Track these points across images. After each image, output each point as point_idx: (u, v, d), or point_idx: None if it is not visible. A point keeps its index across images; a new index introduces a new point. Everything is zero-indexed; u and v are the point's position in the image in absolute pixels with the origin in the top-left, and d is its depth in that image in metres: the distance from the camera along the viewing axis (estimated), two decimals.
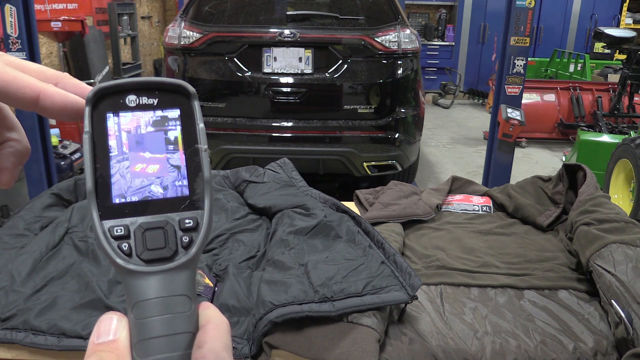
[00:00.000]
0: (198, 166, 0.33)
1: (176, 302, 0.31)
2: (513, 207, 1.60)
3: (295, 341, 1.00)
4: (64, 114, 0.34)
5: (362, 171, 3.46)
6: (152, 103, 0.34)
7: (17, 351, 1.05)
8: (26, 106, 0.34)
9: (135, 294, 0.31)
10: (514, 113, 3.19)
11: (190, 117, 0.34)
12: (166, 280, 0.32)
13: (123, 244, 0.32)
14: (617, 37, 5.39)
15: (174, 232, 0.32)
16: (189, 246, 0.32)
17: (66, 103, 0.34)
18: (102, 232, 0.32)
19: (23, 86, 0.33)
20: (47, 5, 5.33)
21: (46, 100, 0.34)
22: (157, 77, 0.35)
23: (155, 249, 0.32)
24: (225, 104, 3.44)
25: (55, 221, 1.39)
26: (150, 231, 0.32)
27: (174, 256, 0.32)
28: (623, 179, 3.72)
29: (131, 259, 0.32)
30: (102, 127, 0.33)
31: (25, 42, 2.96)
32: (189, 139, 0.34)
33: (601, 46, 6.77)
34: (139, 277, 0.31)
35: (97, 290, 1.12)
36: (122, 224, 0.32)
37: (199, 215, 0.33)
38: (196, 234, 0.33)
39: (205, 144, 0.34)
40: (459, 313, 1.13)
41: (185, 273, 0.32)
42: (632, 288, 1.06)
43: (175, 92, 0.34)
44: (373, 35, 3.37)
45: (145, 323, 0.31)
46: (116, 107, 0.33)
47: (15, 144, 0.37)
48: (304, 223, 1.30)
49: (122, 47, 6.79)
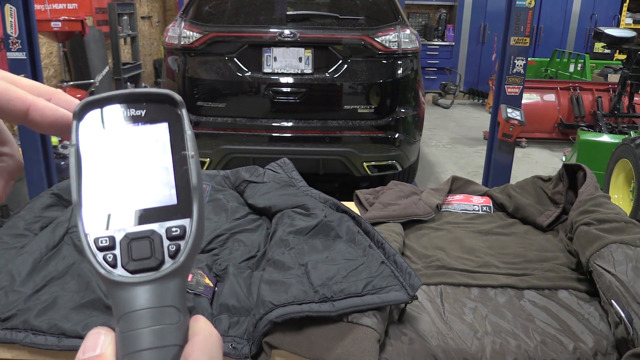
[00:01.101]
0: (186, 173, 0.33)
1: (163, 314, 0.31)
2: (513, 207, 1.60)
3: (295, 341, 1.00)
4: (54, 128, 0.34)
5: (362, 171, 3.46)
6: (139, 114, 0.34)
7: (17, 351, 1.05)
8: (16, 119, 0.34)
9: (120, 306, 0.31)
10: (514, 113, 3.19)
11: (178, 125, 0.34)
12: (152, 291, 0.31)
13: (108, 255, 0.31)
14: (617, 37, 5.40)
15: (161, 241, 0.32)
16: (176, 255, 0.32)
17: (56, 117, 0.34)
18: (87, 243, 0.32)
19: (14, 98, 0.33)
20: (47, 5, 5.33)
21: (36, 114, 0.34)
22: (144, 88, 0.35)
23: (141, 259, 0.31)
24: (225, 104, 3.45)
25: (55, 221, 1.39)
26: (136, 241, 0.31)
27: (160, 266, 0.31)
28: (623, 179, 3.72)
29: (116, 270, 0.31)
30: (91, 141, 0.33)
31: (25, 42, 2.96)
32: (177, 147, 0.33)
33: (601, 46, 6.77)
34: (124, 288, 0.31)
35: (97, 290, 1.12)
36: (108, 235, 0.32)
37: (187, 223, 0.32)
38: (184, 242, 0.32)
39: (193, 150, 0.33)
40: (459, 313, 1.13)
41: (173, 283, 0.31)
42: (632, 288, 1.06)
43: (163, 102, 0.34)
44: (373, 35, 3.37)
45: (131, 336, 0.30)
46: (104, 119, 0.33)
47: (7, 158, 0.37)
48: (304, 223, 1.30)
49: (122, 47, 6.79)
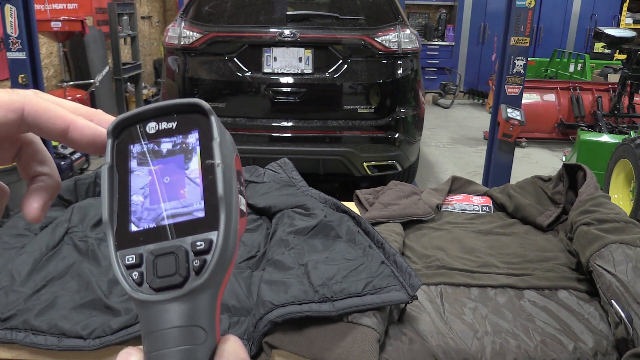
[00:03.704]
0: (212, 183, 0.31)
1: (186, 334, 0.29)
2: (513, 207, 1.60)
3: (295, 341, 1.00)
4: (92, 147, 0.34)
5: (362, 171, 3.46)
6: (171, 127, 0.33)
7: (17, 351, 1.05)
8: (56, 137, 0.34)
9: (146, 325, 0.30)
10: (514, 113, 3.19)
11: (208, 134, 0.33)
12: (176, 309, 0.29)
13: (134, 272, 0.30)
14: (617, 37, 5.40)
15: (186, 256, 0.30)
16: (201, 270, 0.30)
17: (95, 135, 0.34)
18: (116, 262, 0.31)
19: (54, 116, 0.33)
20: (47, 5, 5.33)
21: (76, 132, 0.34)
22: (173, 100, 0.34)
23: (165, 276, 0.30)
24: (225, 104, 3.45)
25: (55, 221, 1.39)
26: (161, 257, 0.30)
27: (184, 282, 0.30)
28: (623, 179, 3.72)
29: (141, 288, 0.30)
30: (124, 159, 0.33)
31: (25, 42, 2.97)
32: (205, 156, 0.32)
33: (601, 46, 6.78)
34: (147, 306, 0.30)
35: (97, 290, 1.12)
36: (135, 252, 0.31)
37: (214, 235, 0.30)
38: (209, 256, 0.30)
39: (220, 158, 0.31)
40: (459, 313, 1.13)
41: (199, 301, 0.30)
42: (632, 288, 1.06)
43: (192, 111, 0.33)
44: (373, 35, 3.37)
45: (153, 357, 0.29)
46: (137, 136, 0.33)
47: (46, 178, 0.37)
48: (304, 223, 1.30)
49: (122, 47, 6.78)
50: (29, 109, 0.33)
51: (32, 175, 0.37)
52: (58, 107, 0.34)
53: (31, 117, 0.33)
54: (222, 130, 0.33)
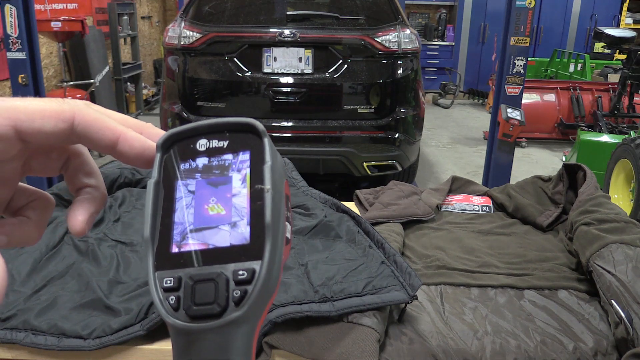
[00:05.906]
0: (260, 210, 0.30)
1: None
2: (513, 207, 1.60)
3: (295, 341, 1.00)
4: (140, 160, 0.34)
5: (362, 171, 3.46)
6: (222, 146, 0.32)
7: (17, 351, 1.05)
8: (104, 149, 0.33)
9: (179, 352, 0.29)
10: (514, 113, 3.19)
11: (259, 156, 0.31)
12: (210, 340, 0.28)
13: (171, 296, 0.29)
14: (617, 37, 5.40)
15: (227, 285, 0.29)
16: (241, 302, 0.28)
17: (144, 148, 0.33)
18: (153, 282, 0.30)
19: (104, 128, 0.33)
20: (47, 5, 5.33)
21: (125, 145, 0.33)
22: (227, 118, 0.32)
23: (203, 304, 0.28)
24: (225, 104, 3.45)
25: (55, 221, 1.39)
26: (201, 283, 0.29)
27: (222, 313, 0.28)
28: (623, 179, 3.72)
29: (177, 314, 0.29)
30: (171, 175, 0.32)
31: (25, 42, 2.97)
32: (255, 179, 0.30)
33: (601, 46, 6.77)
34: (182, 334, 0.29)
35: (97, 290, 1.12)
36: (174, 275, 0.29)
37: (257, 265, 0.29)
38: (251, 287, 0.28)
39: (270, 183, 0.30)
40: (459, 313, 1.13)
41: (234, 334, 0.28)
42: (632, 288, 1.06)
43: (245, 131, 0.32)
44: (373, 35, 3.37)
45: None
46: (186, 153, 0.32)
47: (92, 190, 0.36)
48: (304, 223, 1.30)
49: (122, 47, 6.79)
50: (79, 119, 0.32)
51: (79, 187, 0.36)
52: (108, 118, 0.33)
53: (81, 127, 0.32)
54: (274, 153, 0.31)
